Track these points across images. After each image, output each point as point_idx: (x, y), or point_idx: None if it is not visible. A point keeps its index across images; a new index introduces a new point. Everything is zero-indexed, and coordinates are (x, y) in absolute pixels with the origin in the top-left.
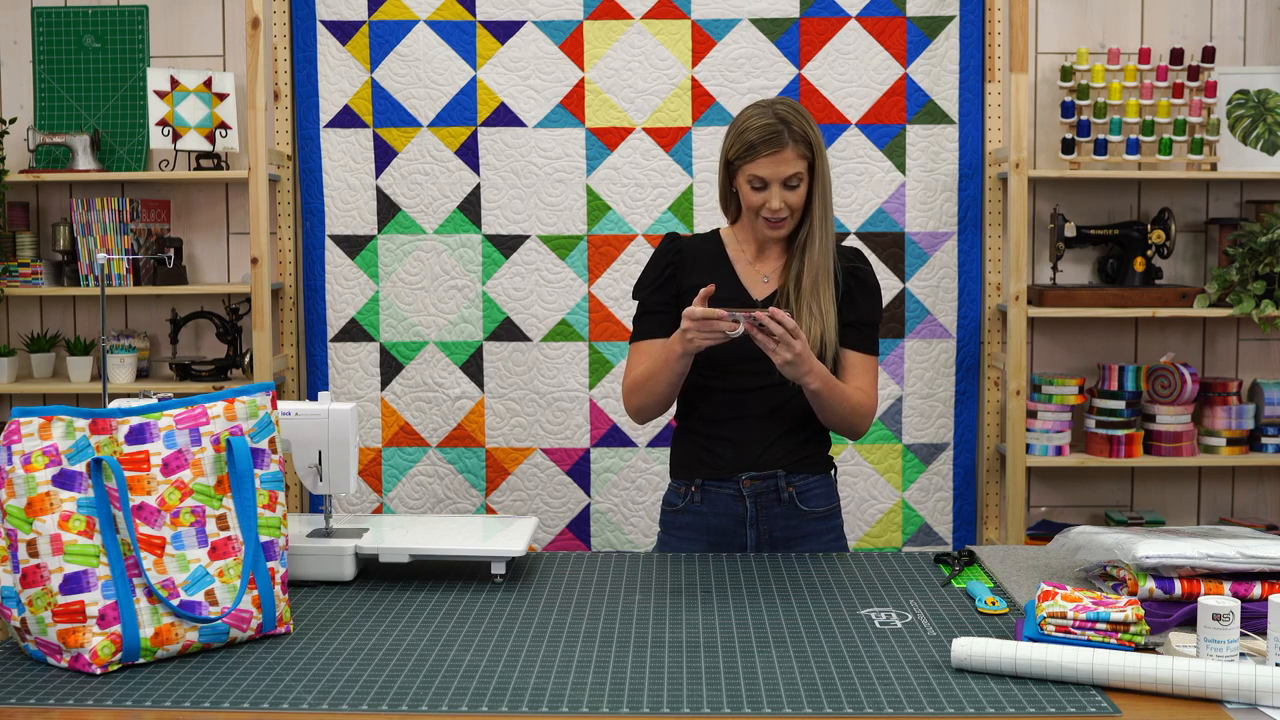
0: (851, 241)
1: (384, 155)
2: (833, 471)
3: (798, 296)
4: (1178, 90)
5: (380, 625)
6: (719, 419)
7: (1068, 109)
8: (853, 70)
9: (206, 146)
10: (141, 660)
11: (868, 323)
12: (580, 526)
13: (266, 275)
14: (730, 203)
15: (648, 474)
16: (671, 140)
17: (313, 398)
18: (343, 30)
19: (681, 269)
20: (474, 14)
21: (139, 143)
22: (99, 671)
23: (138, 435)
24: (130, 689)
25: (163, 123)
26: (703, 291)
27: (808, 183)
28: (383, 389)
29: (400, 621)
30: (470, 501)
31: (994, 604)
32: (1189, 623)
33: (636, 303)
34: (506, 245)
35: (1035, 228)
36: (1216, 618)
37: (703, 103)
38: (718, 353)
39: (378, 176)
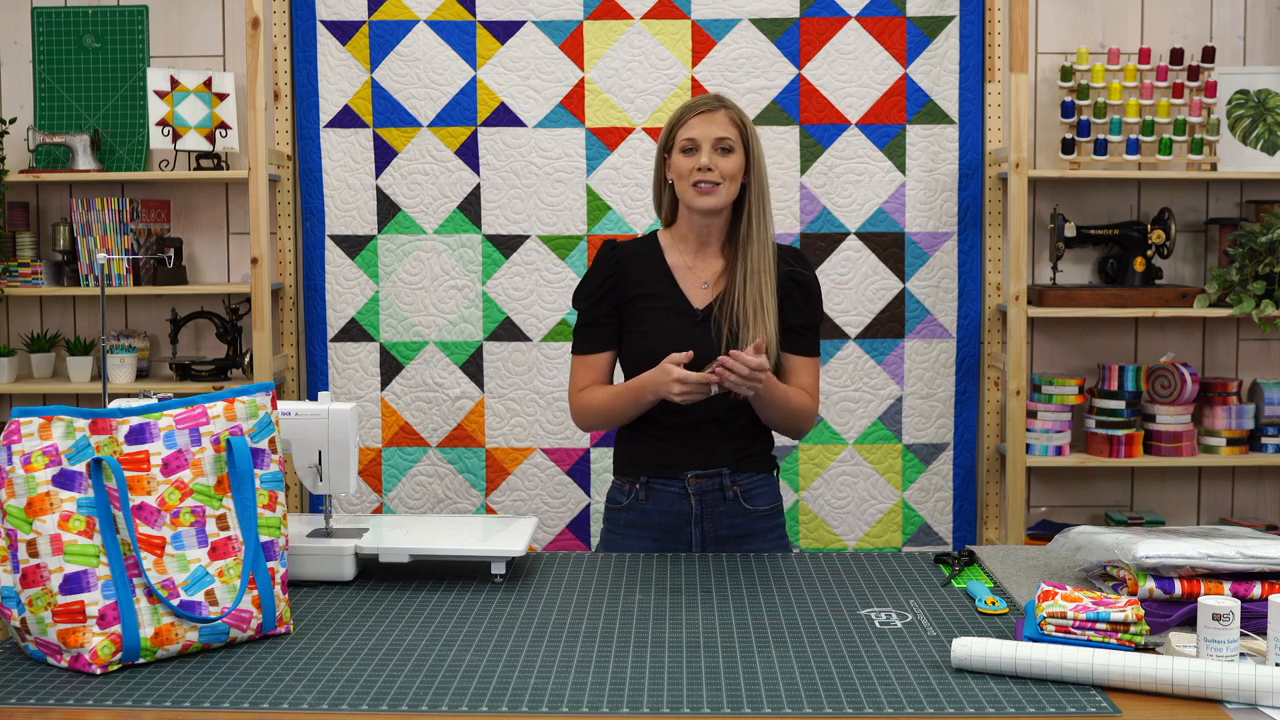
0: (850, 242)
1: (384, 155)
2: (775, 471)
3: (741, 302)
4: (1178, 90)
5: (380, 625)
6: (666, 420)
7: (1068, 109)
8: (853, 70)
9: (206, 146)
10: (141, 660)
11: (809, 326)
12: (580, 526)
13: (266, 275)
14: (664, 198)
15: None
16: None
17: (313, 398)
18: (343, 30)
19: (623, 278)
20: (474, 14)
21: (139, 143)
22: (99, 671)
23: (138, 435)
24: (130, 689)
25: (163, 123)
26: (681, 356)
27: (741, 161)
28: (383, 389)
29: (400, 621)
30: (470, 501)
31: (994, 604)
32: (1189, 623)
33: (576, 312)
34: (506, 245)
35: (1035, 228)
36: (1216, 618)
37: None
38: (663, 358)
39: (378, 176)
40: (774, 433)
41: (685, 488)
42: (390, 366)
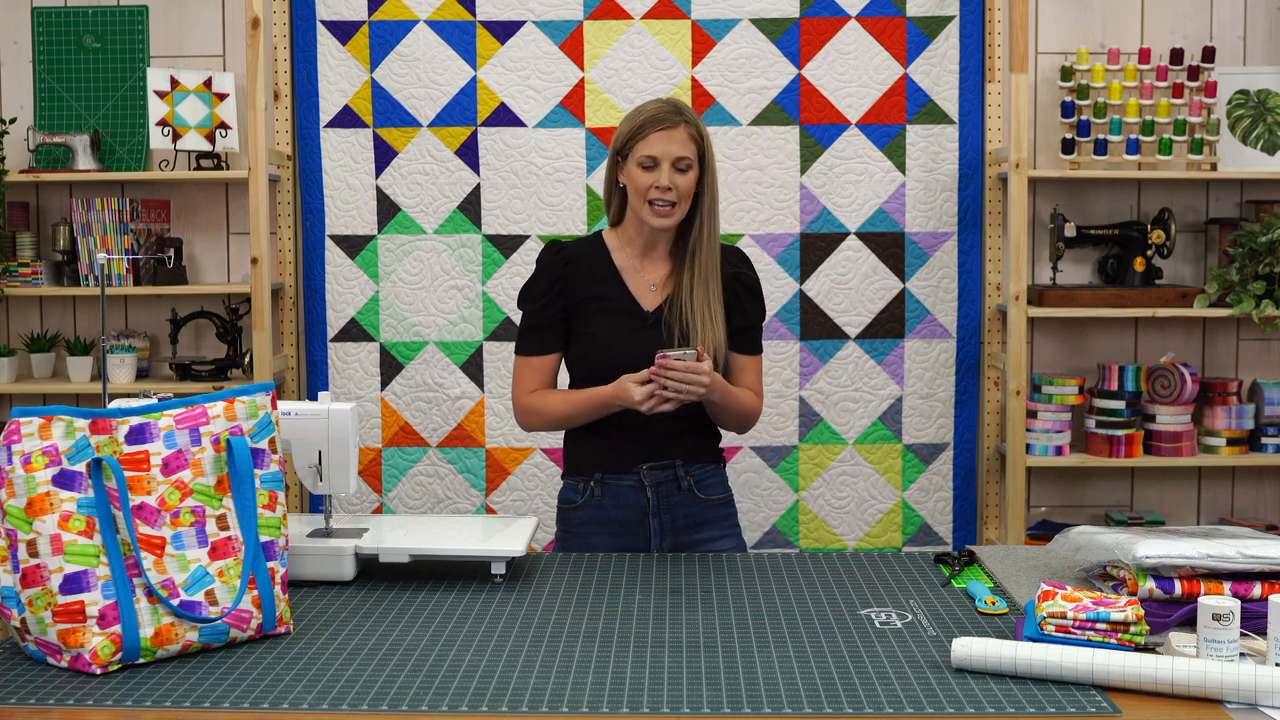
0: (850, 242)
1: (384, 155)
2: (723, 464)
3: (690, 306)
4: (1178, 90)
5: (380, 625)
6: (615, 419)
7: (1068, 109)
8: (853, 70)
9: (206, 146)
10: (141, 660)
11: (754, 325)
12: None
13: (266, 275)
14: (613, 200)
15: None
16: None
17: (313, 398)
18: (343, 30)
19: (571, 280)
20: (474, 14)
21: (139, 143)
22: (99, 671)
23: (138, 435)
24: (130, 689)
25: (163, 123)
26: (637, 376)
27: (697, 176)
28: (383, 389)
29: (400, 621)
30: (470, 501)
31: (994, 604)
32: (1189, 623)
33: (521, 313)
34: (506, 245)
35: (1035, 228)
36: (1216, 618)
37: (703, 103)
38: (614, 361)
39: (378, 176)
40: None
41: (640, 480)
42: (390, 366)
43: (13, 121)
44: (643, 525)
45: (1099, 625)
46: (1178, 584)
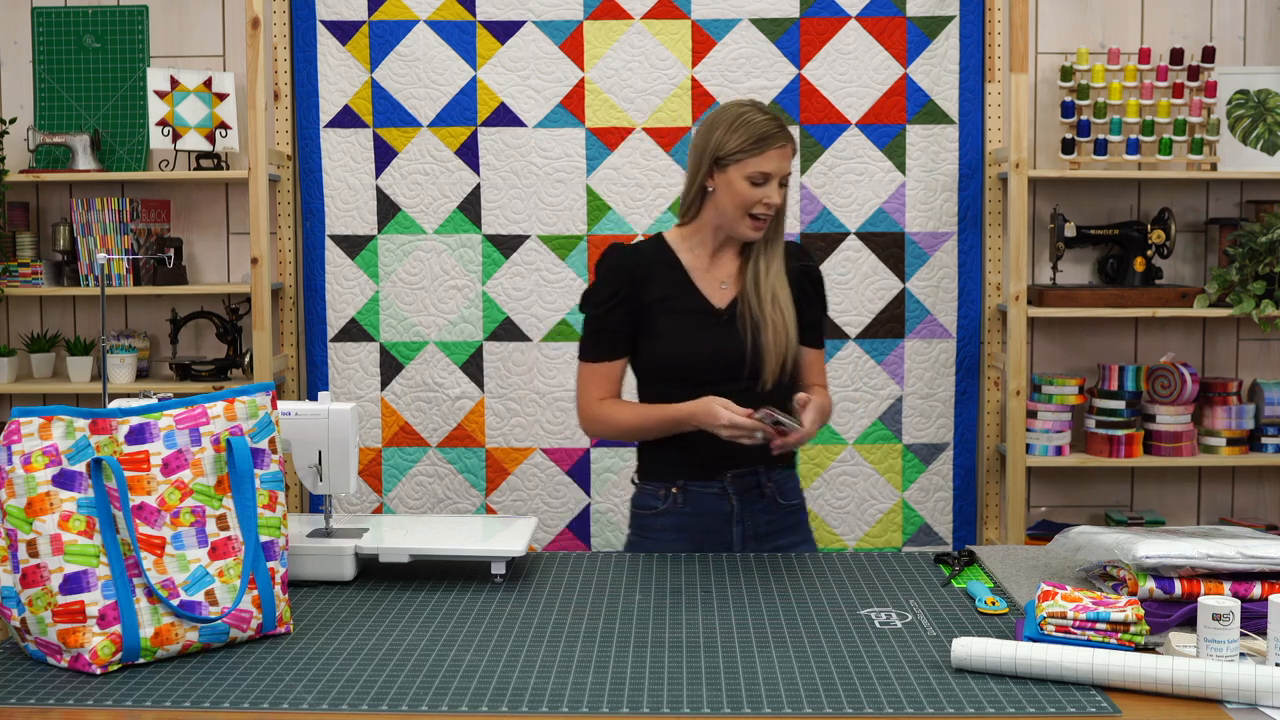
0: (850, 242)
1: (384, 155)
2: (795, 467)
3: (759, 303)
4: (1178, 90)
5: (380, 625)
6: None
7: (1068, 109)
8: (853, 70)
9: (206, 146)
10: (141, 660)
11: (820, 319)
12: (580, 526)
13: (266, 275)
14: (696, 202)
15: None
16: (671, 140)
17: (313, 398)
18: (343, 30)
19: (638, 284)
20: (474, 14)
21: (139, 143)
22: (99, 671)
23: (138, 435)
24: (130, 689)
25: (163, 123)
26: (728, 403)
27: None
28: (383, 389)
29: (400, 621)
30: (470, 501)
31: (994, 604)
32: (1189, 623)
33: (584, 317)
34: (506, 245)
35: (1035, 228)
36: (1216, 618)
37: (703, 103)
38: (687, 361)
39: (378, 176)
40: None
41: (724, 488)
42: (390, 366)
43: (13, 121)
44: (725, 533)
45: (1099, 625)
46: (1178, 584)
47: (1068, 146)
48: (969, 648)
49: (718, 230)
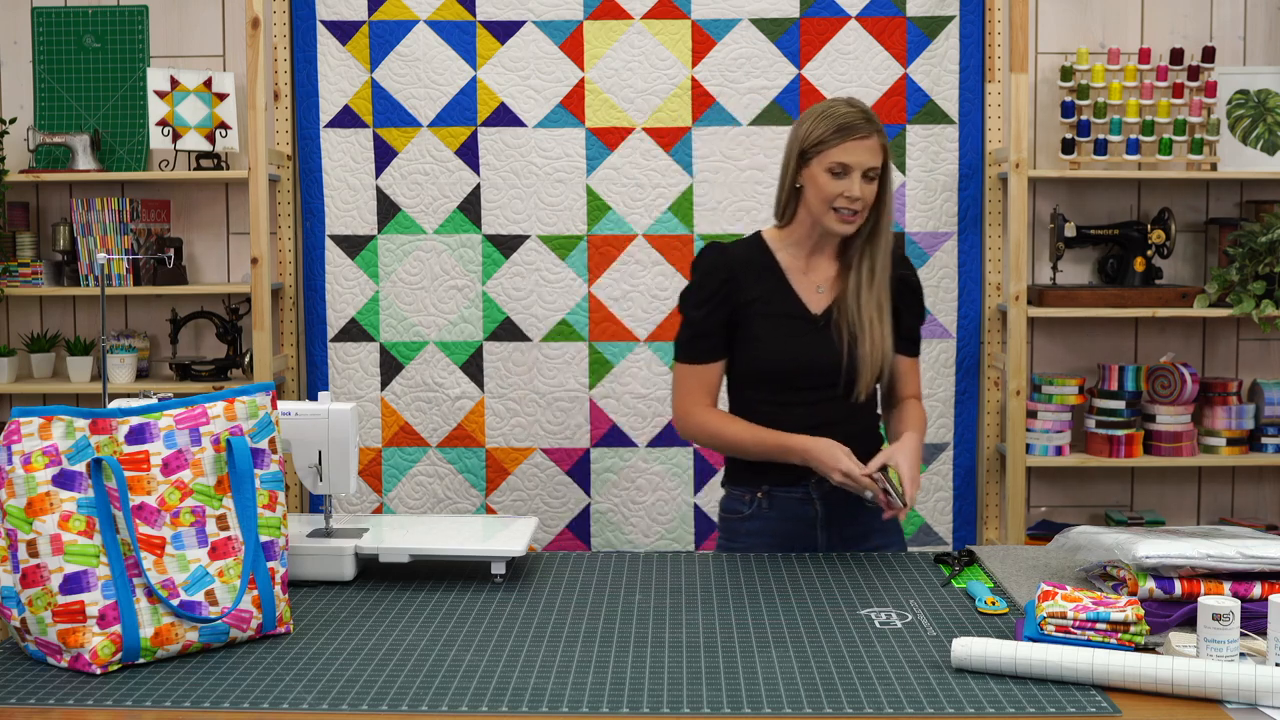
0: None
1: (384, 155)
2: None
3: (858, 310)
4: (1178, 90)
5: (380, 625)
6: (789, 428)
7: (1068, 109)
8: (853, 70)
9: (206, 146)
10: (141, 660)
11: (917, 327)
12: (580, 526)
13: (266, 275)
14: (790, 202)
15: (648, 474)
16: (672, 140)
17: (313, 398)
18: (343, 30)
19: (735, 285)
20: (474, 14)
21: (139, 143)
22: (99, 671)
23: (138, 435)
24: (130, 689)
25: (163, 123)
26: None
27: (878, 184)
28: (383, 389)
29: (400, 621)
30: (470, 501)
31: (994, 604)
32: (1189, 623)
33: (682, 316)
34: (506, 245)
35: (1035, 228)
36: (1216, 618)
37: (703, 103)
38: (782, 366)
39: (378, 176)
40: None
41: (808, 492)
42: (390, 366)
43: (13, 121)
44: (809, 537)
45: (1099, 625)
46: (1178, 584)
47: (1068, 146)
48: (969, 648)
49: (813, 228)
